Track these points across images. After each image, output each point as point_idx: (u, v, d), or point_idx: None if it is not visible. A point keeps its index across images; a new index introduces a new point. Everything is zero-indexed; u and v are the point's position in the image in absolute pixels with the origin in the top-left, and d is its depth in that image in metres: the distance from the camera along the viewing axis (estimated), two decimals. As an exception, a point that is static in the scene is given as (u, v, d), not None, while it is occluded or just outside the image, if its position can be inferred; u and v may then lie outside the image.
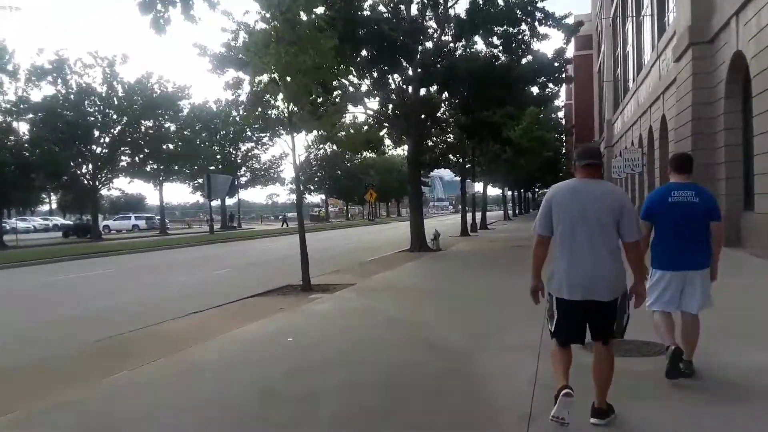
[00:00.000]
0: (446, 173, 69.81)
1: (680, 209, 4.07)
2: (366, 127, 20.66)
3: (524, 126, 34.01)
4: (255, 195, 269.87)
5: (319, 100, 14.39)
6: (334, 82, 13.86)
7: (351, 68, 16.08)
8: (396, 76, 17.80)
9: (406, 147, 21.12)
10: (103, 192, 44.33)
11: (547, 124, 43.14)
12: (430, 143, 29.27)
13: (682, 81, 15.91)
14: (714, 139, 14.50)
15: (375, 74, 17.13)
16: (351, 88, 17.29)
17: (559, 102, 59.04)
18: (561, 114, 59.54)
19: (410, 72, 17.54)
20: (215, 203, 52.02)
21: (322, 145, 61.32)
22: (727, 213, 13.74)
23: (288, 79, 9.80)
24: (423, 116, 19.31)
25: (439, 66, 16.49)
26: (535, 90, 20.26)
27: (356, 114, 19.23)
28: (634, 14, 29.97)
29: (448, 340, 5.99)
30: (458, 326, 6.68)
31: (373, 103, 19.56)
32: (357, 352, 5.71)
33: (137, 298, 10.96)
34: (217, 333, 6.85)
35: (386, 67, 16.43)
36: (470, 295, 8.94)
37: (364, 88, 17.62)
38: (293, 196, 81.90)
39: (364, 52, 15.29)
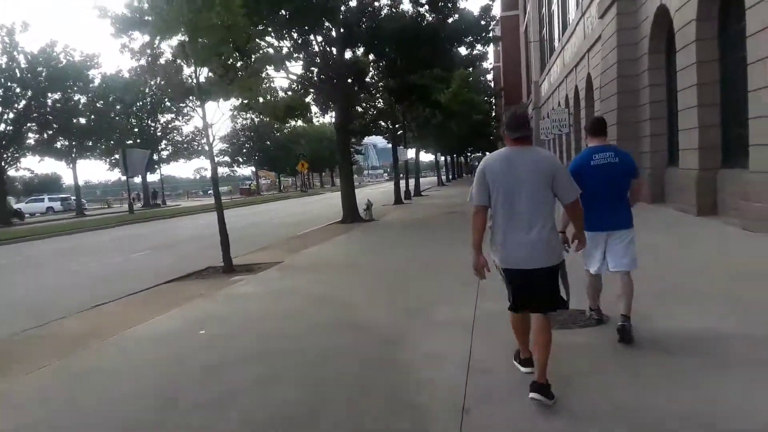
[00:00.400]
0: (380, 140, 69.14)
1: (603, 171, 4.22)
2: (290, 93, 19.79)
3: (454, 89, 33.71)
4: (181, 170, 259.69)
5: (238, 64, 13.36)
6: (249, 44, 12.81)
7: (269, 29, 14.99)
8: (319, 37, 16.85)
9: (334, 114, 20.35)
10: (12, 173, 40.90)
11: (476, 87, 43.18)
12: (359, 109, 28.59)
13: (607, 38, 15.91)
14: (638, 96, 14.62)
15: (295, 35, 16.12)
16: (270, 51, 16.23)
17: (488, 64, 59.28)
18: (490, 77, 59.88)
19: (333, 33, 16.65)
20: (137, 180, 49.25)
21: (247, 114, 59.43)
22: (652, 170, 14.00)
23: (191, 38, 8.80)
24: (350, 80, 18.52)
25: (363, 26, 15.66)
26: (462, 51, 19.84)
27: (278, 79, 18.23)
28: (558, -28, 29.96)
29: (377, 320, 5.52)
30: (388, 304, 6.22)
31: (297, 68, 18.61)
32: (277, 341, 5.14)
33: (40, 290, 9.84)
34: (122, 327, 6.08)
35: (307, 27, 15.44)
36: (402, 268, 8.51)
37: (285, 50, 16.56)
38: (222, 169, 79.50)
39: (282, 11, 14.23)
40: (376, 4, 18.38)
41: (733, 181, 9.68)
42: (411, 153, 37.96)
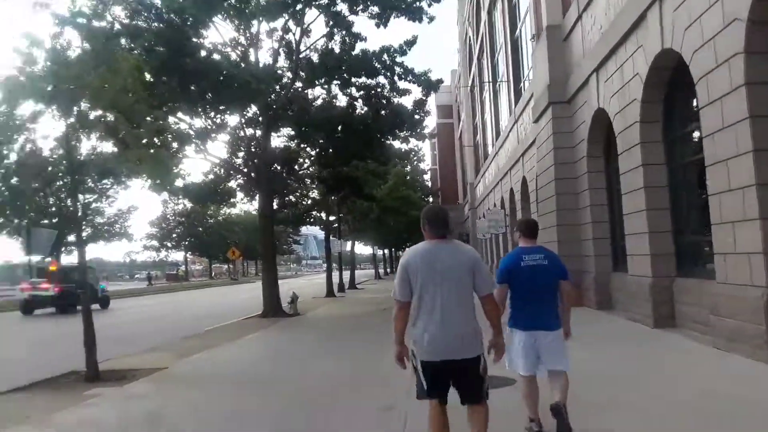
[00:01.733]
0: (320, 232, 67.94)
1: (532, 272, 4.26)
2: (211, 176, 18.39)
3: (390, 185, 33.44)
4: (111, 252, 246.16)
5: (143, 141, 11.88)
6: (148, 118, 11.39)
7: (176, 104, 13.67)
8: (238, 118, 15.77)
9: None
10: None
11: (413, 185, 43.35)
12: (292, 198, 27.41)
13: (542, 141, 15.65)
14: (578, 198, 14.09)
15: (212, 114, 14.94)
16: (186, 129, 14.95)
17: (425, 165, 60.63)
18: (427, 177, 60.99)
19: (259, 116, 15.65)
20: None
21: (177, 199, 56.99)
22: (597, 275, 13.15)
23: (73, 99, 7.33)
24: (278, 167, 17.37)
25: (290, 112, 14.73)
26: (397, 144, 19.28)
27: (200, 161, 16.82)
28: (491, 81, 31.09)
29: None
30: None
31: (221, 150, 17.44)
32: None
33: None
34: None
35: (224, 107, 14.31)
36: (314, 386, 6.77)
37: (200, 129, 15.27)
38: (153, 254, 75.03)
39: (193, 87, 12.97)
40: (309, 92, 17.73)
41: (694, 292, 8.79)
42: (348, 245, 36.71)
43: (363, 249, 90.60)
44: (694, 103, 9.19)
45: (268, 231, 16.41)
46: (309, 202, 28.44)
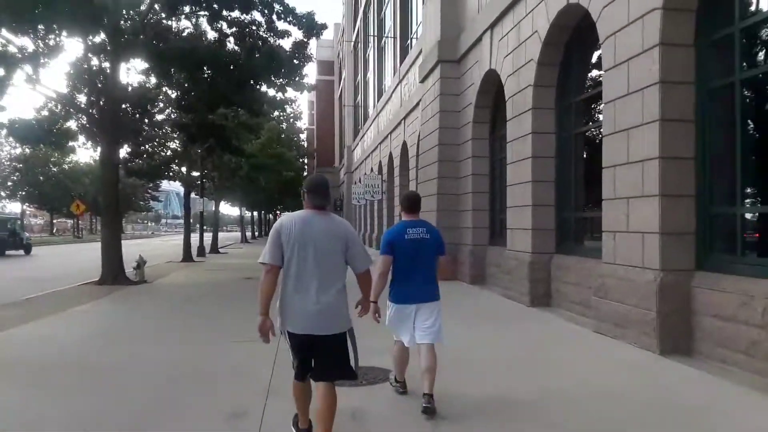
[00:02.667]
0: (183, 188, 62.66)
1: (415, 245, 4.34)
2: (44, 113, 15.35)
3: (263, 140, 31.22)
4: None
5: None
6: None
7: None
8: (76, 40, 13.02)
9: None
10: None
11: (288, 144, 41.22)
12: (148, 148, 24.32)
13: (428, 103, 14.79)
14: (460, 167, 13.46)
15: (45, 34, 12.11)
16: (15, 51, 11.98)
17: (301, 124, 58.39)
18: (303, 137, 58.76)
19: (99, 40, 13.01)
20: None
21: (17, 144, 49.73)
22: (473, 249, 12.68)
23: None
24: (129, 109, 14.78)
25: (143, 37, 12.29)
26: (271, 93, 17.35)
27: (34, 94, 13.79)
28: (376, 35, 29.84)
29: None
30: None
31: (62, 85, 14.51)
32: None
33: None
34: None
35: (58, 26, 11.56)
36: (154, 376, 5.23)
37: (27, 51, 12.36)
38: None
39: None
40: (174, 25, 15.25)
41: (575, 270, 8.38)
42: (212, 204, 33.95)
43: (230, 210, 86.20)
44: (593, 68, 8.73)
45: (111, 182, 13.90)
46: (168, 153, 25.48)
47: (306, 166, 56.37)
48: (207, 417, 4.17)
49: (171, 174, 25.97)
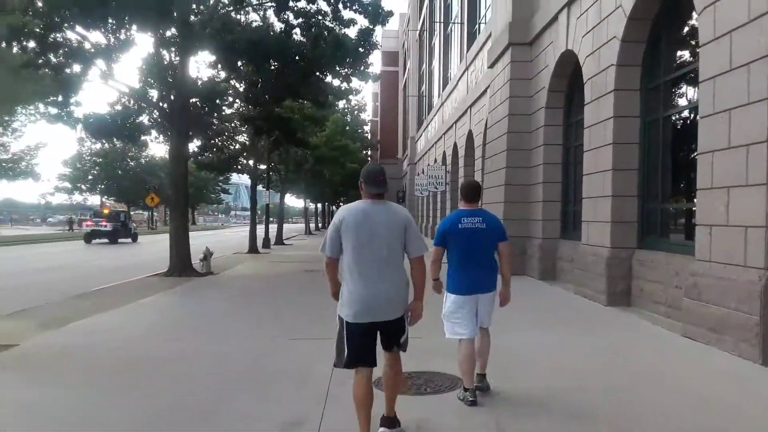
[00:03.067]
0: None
1: (469, 235, 4.21)
2: (118, 108, 15.84)
3: (328, 133, 31.32)
4: (24, 193, 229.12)
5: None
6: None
7: (69, 11, 11.07)
8: (154, 39, 13.25)
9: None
10: None
11: (352, 135, 41.27)
12: (218, 142, 24.88)
13: (497, 89, 14.12)
14: (530, 156, 12.75)
15: (116, 28, 12.36)
16: (89, 47, 12.34)
17: (365, 116, 58.41)
18: (367, 129, 58.81)
19: (169, 33, 13.18)
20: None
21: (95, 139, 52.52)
22: (543, 242, 11.99)
23: None
24: (197, 102, 14.98)
25: (210, 30, 12.32)
26: (337, 83, 17.15)
27: (108, 89, 14.26)
28: (442, 21, 29.14)
29: None
30: None
31: (135, 80, 14.95)
32: None
33: None
34: None
35: (129, 18, 11.75)
36: (211, 374, 5.07)
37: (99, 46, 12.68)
38: (71, 196, 69.25)
39: None
40: (241, 18, 15.33)
41: (661, 268, 7.61)
42: (278, 197, 34.49)
43: (294, 202, 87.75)
44: (686, 44, 7.89)
45: (180, 175, 14.14)
46: (237, 147, 25.99)
47: (369, 158, 56.44)
48: (259, 422, 3.92)
49: (239, 167, 26.49)
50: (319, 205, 60.23)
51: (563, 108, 11.87)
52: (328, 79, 15.36)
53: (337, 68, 14.53)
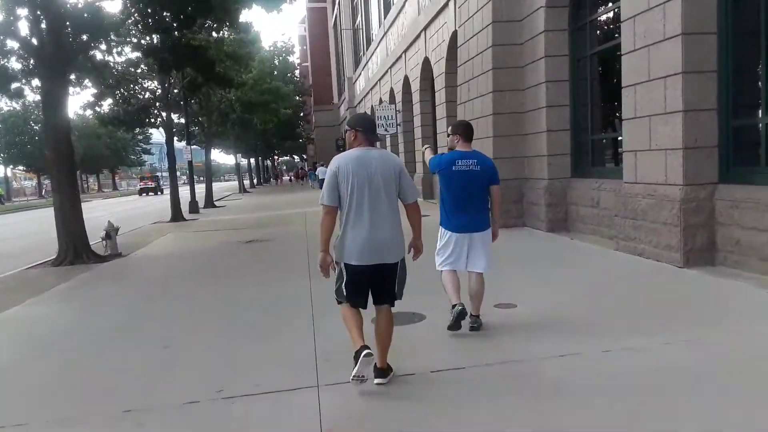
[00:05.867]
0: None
1: (464, 176, 4.34)
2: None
3: (254, 75, 27.28)
4: None
5: None
6: None
7: None
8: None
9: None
10: None
11: (283, 79, 37.11)
12: (123, 92, 20.70)
13: (470, -6, 11.07)
14: (525, 74, 9.94)
15: None
16: None
17: (294, 60, 53.72)
18: (297, 73, 54.16)
19: None
20: None
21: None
22: (550, 184, 9.38)
23: None
24: (70, 31, 11.05)
25: None
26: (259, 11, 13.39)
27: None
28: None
29: None
30: None
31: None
32: None
33: None
34: None
35: None
36: None
37: None
38: None
39: None
40: None
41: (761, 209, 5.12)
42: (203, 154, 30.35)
43: (225, 159, 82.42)
44: None
45: (59, 130, 10.43)
46: (146, 95, 21.79)
47: (303, 104, 52.24)
48: None
49: (151, 120, 22.36)
50: (252, 161, 55.74)
51: (569, 6, 9.02)
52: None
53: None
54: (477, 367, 3.74)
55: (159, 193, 51.13)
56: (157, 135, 40.20)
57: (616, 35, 7.81)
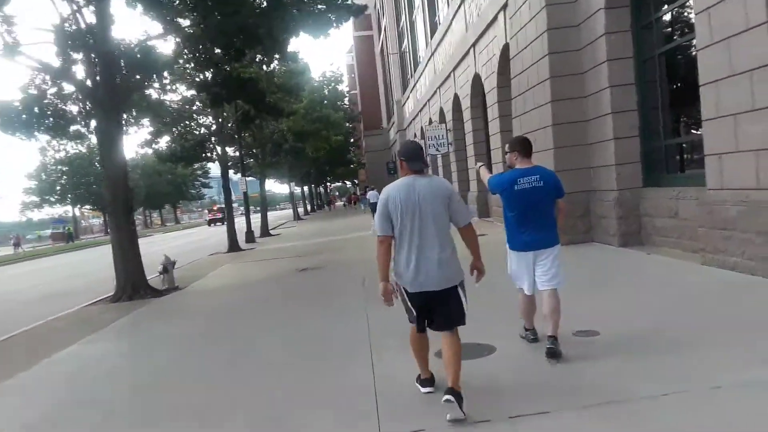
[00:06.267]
0: (233, 173, 59.60)
1: (528, 194, 4.13)
2: (33, 91, 12.26)
3: (305, 104, 27.59)
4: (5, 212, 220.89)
5: None
6: None
7: None
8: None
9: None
10: None
11: (333, 106, 37.46)
12: (180, 129, 21.23)
13: (522, 1, 10.63)
14: (585, 80, 9.35)
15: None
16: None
17: (343, 87, 54.46)
18: (347, 101, 54.82)
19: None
20: None
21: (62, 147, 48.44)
22: (621, 195, 8.68)
23: None
24: (123, 64, 11.31)
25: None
26: (309, 40, 13.40)
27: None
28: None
29: None
30: None
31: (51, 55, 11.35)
32: None
33: None
34: None
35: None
36: None
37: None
38: (52, 210, 65.00)
39: None
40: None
41: None
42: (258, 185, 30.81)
43: (279, 188, 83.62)
44: None
45: (115, 167, 10.61)
46: (202, 131, 22.32)
47: (353, 130, 52.68)
48: None
49: (208, 155, 22.85)
50: (306, 188, 56.49)
51: (630, 5, 8.43)
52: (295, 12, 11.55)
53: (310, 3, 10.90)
54: (566, 410, 3.20)
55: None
56: (216, 168, 41.62)
57: (686, 30, 7.16)
